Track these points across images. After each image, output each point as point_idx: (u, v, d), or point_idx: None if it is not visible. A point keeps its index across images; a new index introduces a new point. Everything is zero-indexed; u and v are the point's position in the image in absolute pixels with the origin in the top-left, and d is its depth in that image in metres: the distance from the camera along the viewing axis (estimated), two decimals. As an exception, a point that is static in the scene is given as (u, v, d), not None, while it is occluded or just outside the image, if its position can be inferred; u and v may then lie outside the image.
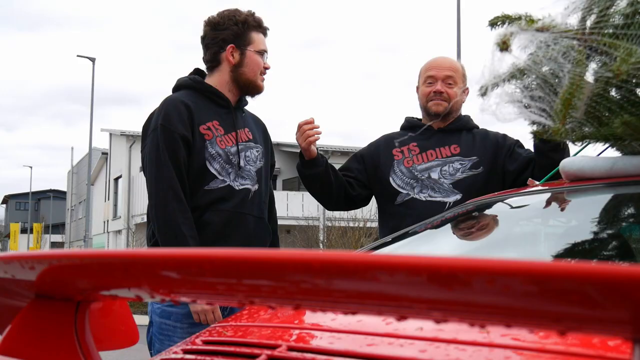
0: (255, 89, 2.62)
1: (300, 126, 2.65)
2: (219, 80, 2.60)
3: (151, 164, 2.45)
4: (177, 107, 2.47)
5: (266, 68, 2.61)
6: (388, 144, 2.88)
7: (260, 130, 2.73)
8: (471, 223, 1.98)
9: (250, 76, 2.58)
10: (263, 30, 2.63)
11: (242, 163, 2.54)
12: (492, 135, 2.83)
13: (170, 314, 2.45)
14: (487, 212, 1.97)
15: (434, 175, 2.74)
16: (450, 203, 2.69)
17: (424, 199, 2.72)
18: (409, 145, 2.82)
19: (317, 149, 2.71)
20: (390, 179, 2.79)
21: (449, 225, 1.98)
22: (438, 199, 2.71)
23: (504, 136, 2.84)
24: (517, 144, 2.83)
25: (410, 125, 2.90)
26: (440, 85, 2.81)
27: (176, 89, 2.63)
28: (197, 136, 2.47)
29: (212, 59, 2.60)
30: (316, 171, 2.74)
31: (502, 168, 2.75)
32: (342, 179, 2.84)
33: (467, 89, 2.85)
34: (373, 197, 2.94)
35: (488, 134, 2.84)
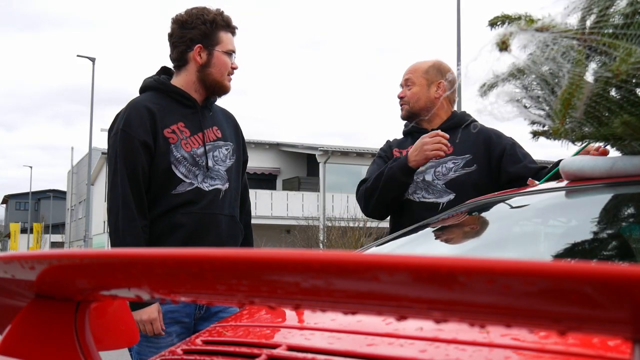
0: (221, 90, 2.60)
1: (436, 136, 2.64)
2: (185, 80, 2.57)
3: (109, 169, 2.52)
4: (140, 112, 2.46)
5: (234, 68, 2.59)
6: (390, 148, 2.97)
7: (231, 125, 2.70)
8: (471, 223, 1.98)
9: (217, 77, 2.56)
10: (232, 30, 2.60)
11: (210, 163, 2.52)
12: (485, 132, 2.82)
13: None
14: (487, 212, 1.97)
15: (428, 177, 2.77)
16: (443, 203, 2.71)
17: (417, 199, 2.75)
18: (408, 149, 2.85)
19: None
20: None
21: (448, 226, 1.98)
22: (431, 200, 2.73)
23: (499, 134, 2.84)
24: (515, 144, 2.83)
25: (407, 130, 2.96)
26: (401, 90, 2.89)
27: (142, 90, 2.61)
28: (160, 140, 2.45)
29: (179, 58, 2.58)
30: (410, 180, 2.75)
31: (498, 167, 2.75)
32: None
33: (441, 82, 2.84)
34: None
35: (481, 131, 2.83)
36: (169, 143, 2.46)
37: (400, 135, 3.07)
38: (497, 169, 2.75)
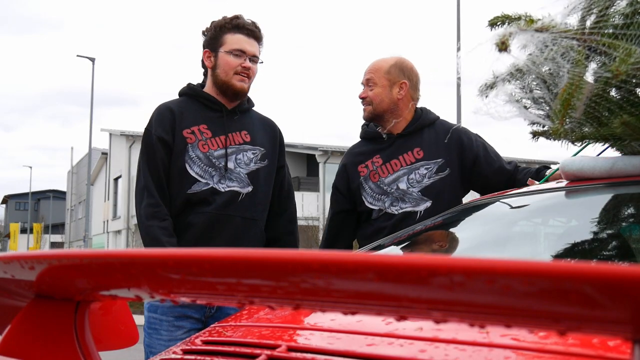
0: (230, 90, 2.59)
1: None
2: (208, 85, 2.66)
3: (137, 168, 2.62)
4: (161, 113, 2.58)
5: (245, 67, 2.58)
6: (352, 159, 2.82)
7: (267, 133, 2.72)
8: (471, 223, 1.99)
9: (223, 77, 2.59)
10: (244, 32, 2.60)
11: (231, 165, 2.56)
12: (455, 134, 2.73)
13: (157, 307, 2.49)
14: (487, 212, 1.97)
15: (402, 185, 2.68)
16: (421, 212, 2.63)
17: (395, 212, 2.67)
18: (372, 159, 2.75)
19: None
20: (363, 197, 2.73)
21: (448, 226, 1.98)
22: (409, 209, 2.65)
23: (469, 136, 2.75)
24: (486, 145, 2.76)
25: (368, 136, 2.84)
26: (363, 90, 2.78)
27: (179, 96, 2.72)
28: (178, 140, 2.53)
29: (202, 65, 2.70)
30: None
31: (471, 171, 2.69)
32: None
33: (404, 82, 2.72)
34: None
35: (452, 133, 2.73)
36: (186, 143, 2.53)
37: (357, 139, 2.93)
38: (470, 172, 2.69)
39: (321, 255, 0.54)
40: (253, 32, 2.62)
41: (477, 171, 2.69)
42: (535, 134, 1.82)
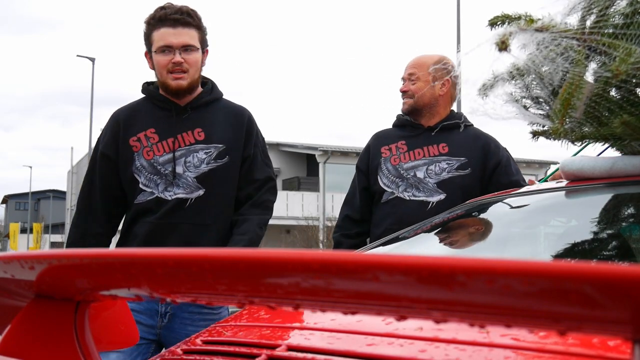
0: (168, 90, 2.42)
1: None
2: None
3: None
4: (109, 123, 2.51)
5: (175, 63, 2.37)
6: (377, 141, 2.89)
7: (231, 125, 2.49)
8: (471, 223, 1.99)
9: (160, 78, 2.43)
10: (168, 23, 2.38)
11: (180, 170, 2.40)
12: (484, 139, 2.81)
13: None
14: (487, 212, 1.97)
15: (420, 174, 2.73)
16: (433, 203, 2.68)
17: (407, 197, 2.71)
18: (397, 143, 2.81)
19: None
20: (378, 177, 2.79)
21: (448, 226, 1.98)
22: (421, 198, 2.70)
23: (497, 144, 2.82)
24: (510, 158, 2.83)
25: (400, 123, 2.90)
26: (404, 84, 2.83)
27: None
28: (125, 150, 2.43)
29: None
30: None
31: (490, 176, 2.74)
32: None
33: (447, 80, 2.77)
34: None
35: (480, 136, 2.81)
36: (132, 152, 2.42)
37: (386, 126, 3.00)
38: (489, 178, 2.74)
39: (321, 255, 0.54)
40: (179, 20, 2.38)
41: (495, 179, 2.74)
42: (535, 134, 1.82)
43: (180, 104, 2.45)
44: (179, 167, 2.40)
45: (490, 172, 2.74)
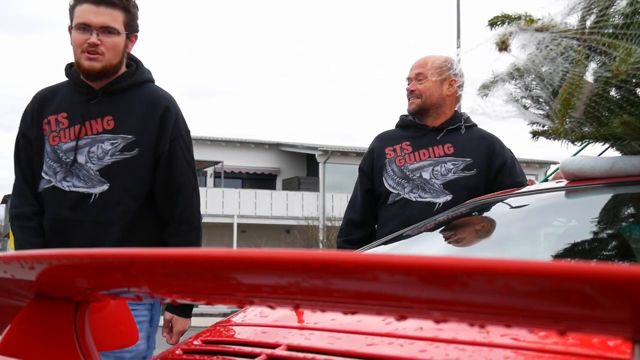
0: (81, 70, 2.22)
1: None
2: None
3: None
4: (30, 102, 2.36)
5: (90, 44, 2.17)
6: (381, 142, 2.88)
7: (145, 115, 2.26)
8: (471, 223, 1.99)
9: (75, 56, 2.23)
10: (93, 0, 2.18)
11: (82, 160, 2.22)
12: (489, 139, 2.80)
13: None
14: (487, 211, 1.97)
15: (426, 175, 2.72)
16: (440, 204, 2.67)
17: (414, 199, 2.71)
18: (401, 144, 2.80)
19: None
20: (383, 179, 2.78)
21: (448, 226, 1.98)
22: (428, 199, 2.69)
23: (502, 145, 2.82)
24: (515, 159, 2.83)
25: (404, 123, 2.89)
26: (411, 84, 2.82)
27: None
28: (38, 132, 2.30)
29: None
30: None
31: (494, 177, 2.74)
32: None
33: (453, 80, 2.76)
34: None
35: (485, 137, 2.81)
36: (43, 135, 2.29)
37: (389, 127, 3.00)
38: (494, 179, 2.74)
39: (321, 255, 0.54)
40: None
41: (500, 180, 2.73)
42: (535, 134, 1.82)
43: (95, 88, 2.25)
44: (81, 156, 2.22)
45: (495, 173, 2.74)
